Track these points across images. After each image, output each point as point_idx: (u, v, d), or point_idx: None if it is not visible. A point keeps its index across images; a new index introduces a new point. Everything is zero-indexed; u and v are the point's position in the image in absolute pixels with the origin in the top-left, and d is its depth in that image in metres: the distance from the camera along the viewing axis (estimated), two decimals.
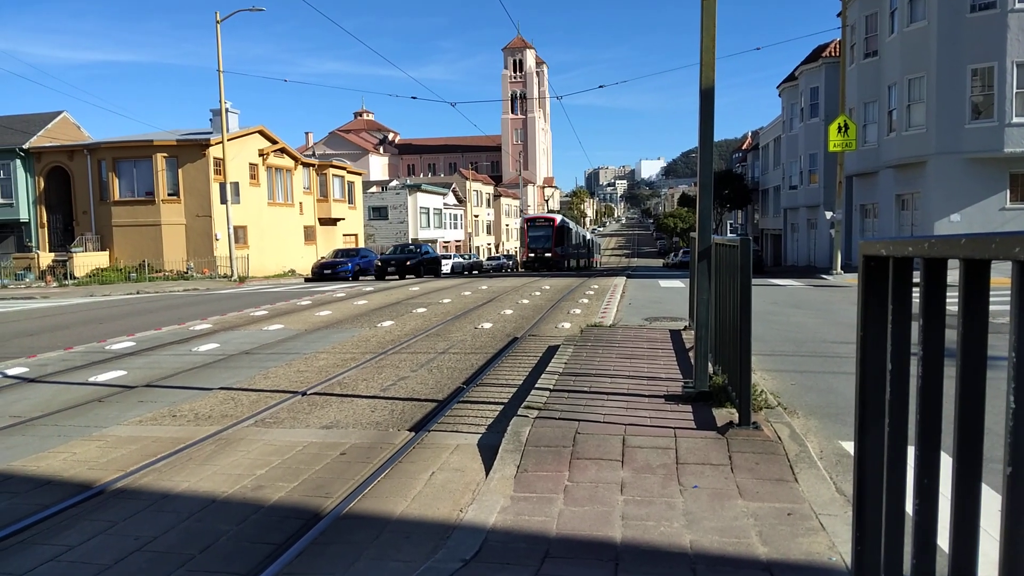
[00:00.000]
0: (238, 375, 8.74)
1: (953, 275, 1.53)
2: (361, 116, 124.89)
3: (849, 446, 5.22)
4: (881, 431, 1.81)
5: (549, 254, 45.84)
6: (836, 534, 3.58)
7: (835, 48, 39.91)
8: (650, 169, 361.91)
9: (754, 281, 5.14)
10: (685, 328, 10.41)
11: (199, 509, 4.40)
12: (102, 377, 8.78)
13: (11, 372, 9.31)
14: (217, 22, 32.45)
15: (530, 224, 48.61)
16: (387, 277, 33.30)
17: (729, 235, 29.52)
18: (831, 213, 26.53)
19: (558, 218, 48.85)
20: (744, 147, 77.50)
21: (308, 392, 7.61)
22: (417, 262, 34.28)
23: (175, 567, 3.63)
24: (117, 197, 37.12)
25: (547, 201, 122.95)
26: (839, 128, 24.56)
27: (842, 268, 26.22)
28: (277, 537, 3.97)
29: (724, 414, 5.60)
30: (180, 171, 36.53)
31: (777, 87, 48.84)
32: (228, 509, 4.41)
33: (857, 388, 1.91)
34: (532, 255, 46.01)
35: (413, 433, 5.95)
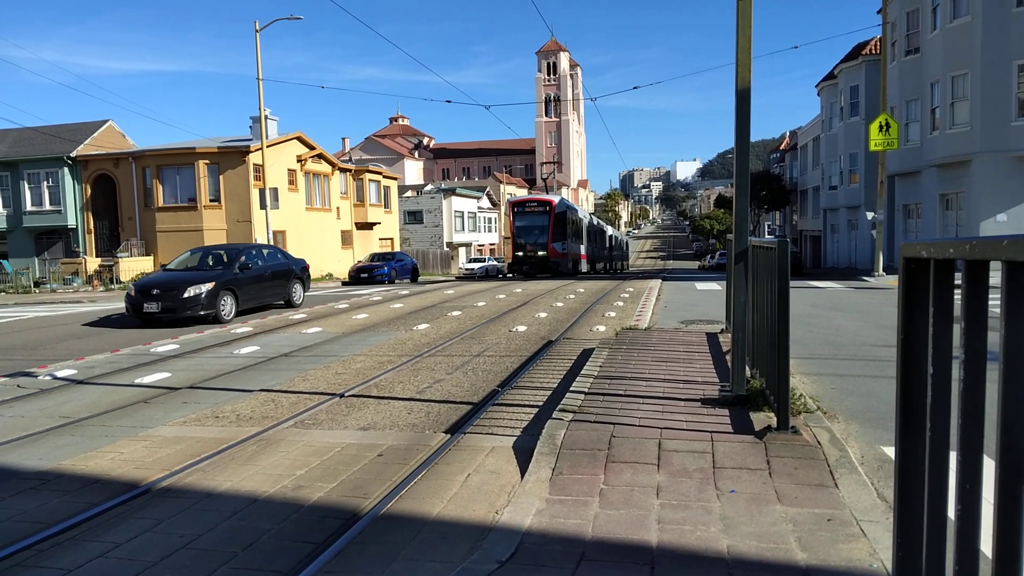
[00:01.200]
0: (278, 377, 8.90)
1: (996, 277, 1.51)
2: (396, 121, 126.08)
3: (891, 451, 5.12)
4: (923, 435, 1.79)
5: (543, 252, 32.98)
6: (877, 540, 3.52)
7: (875, 46, 39.12)
8: (686, 170, 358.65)
9: (793, 283, 5.08)
10: (722, 331, 10.31)
11: (241, 508, 4.50)
12: (147, 379, 9.02)
13: (60, 374, 9.61)
14: (256, 31, 33.08)
15: (517, 209, 34.90)
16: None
17: (767, 237, 29.03)
18: (872, 214, 26.01)
19: (557, 199, 35.19)
20: (782, 147, 76.36)
21: (346, 394, 7.72)
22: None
23: (219, 564, 3.73)
24: (161, 203, 38.04)
25: (582, 204, 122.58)
26: (880, 127, 24.06)
27: (884, 270, 25.68)
28: (317, 536, 4.04)
29: (762, 418, 5.54)
30: (221, 177, 37.29)
31: (816, 86, 48.05)
32: (269, 508, 4.50)
33: (898, 392, 1.88)
34: (520, 254, 33.21)
35: (449, 435, 6.00)
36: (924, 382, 1.78)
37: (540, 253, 33.41)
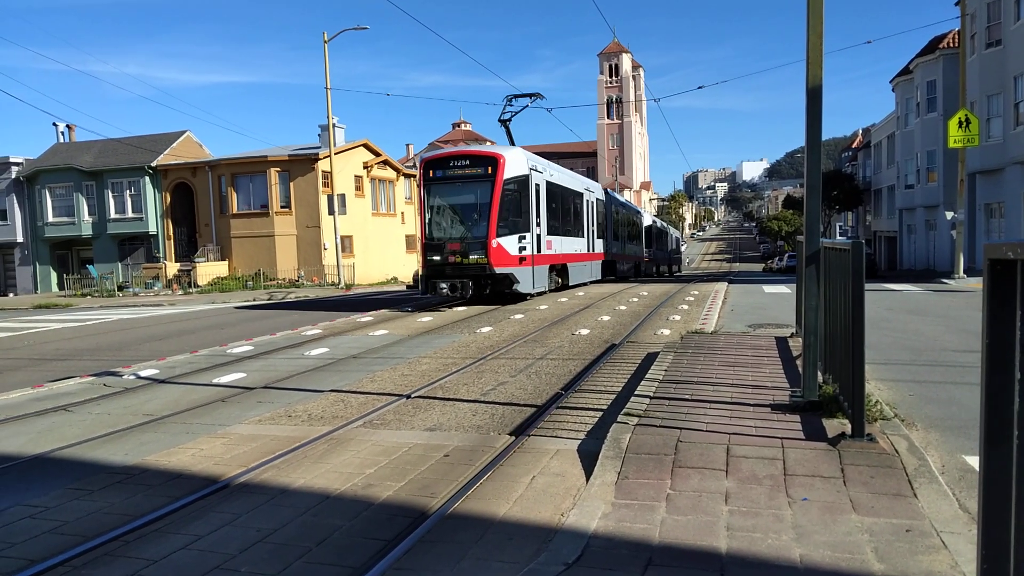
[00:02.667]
0: (347, 378, 9.12)
1: None
2: (459, 127, 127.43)
3: (974, 460, 4.91)
4: (1010, 444, 1.73)
5: (479, 254, 17.66)
6: (959, 553, 3.38)
7: (954, 38, 37.46)
8: (752, 171, 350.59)
9: (867, 286, 4.93)
10: (792, 335, 10.05)
11: (314, 504, 4.65)
12: (224, 379, 9.38)
13: (144, 374, 10.08)
14: (325, 42, 34.00)
15: (435, 174, 18.48)
16: None
17: (838, 238, 28.00)
18: (952, 213, 24.88)
19: (507, 155, 18.24)
20: (854, 145, 73.86)
21: (412, 395, 7.86)
22: None
23: (294, 558, 3.86)
24: (235, 210, 39.50)
25: (644, 206, 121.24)
26: (960, 123, 23.02)
27: (965, 272, 24.53)
28: (386, 533, 4.14)
29: (835, 425, 5.38)
30: (291, 184, 38.48)
31: (890, 81, 46.32)
32: (341, 505, 4.63)
33: (983, 399, 1.82)
34: (435, 258, 18.14)
35: (513, 437, 6.04)
36: (1011, 388, 1.72)
37: (474, 257, 17.54)
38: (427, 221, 18.25)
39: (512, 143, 21.28)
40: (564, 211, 22.47)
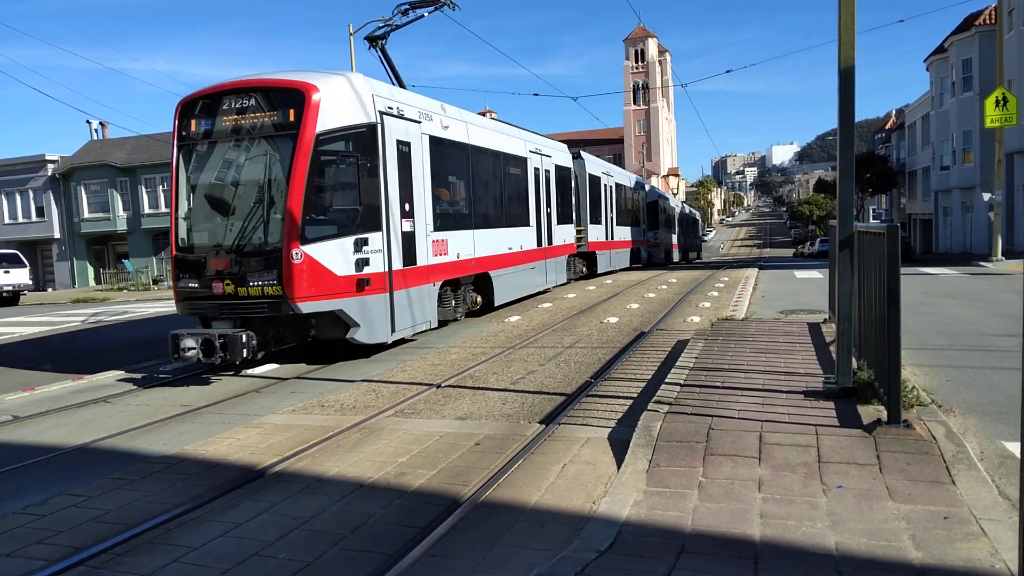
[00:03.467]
0: (378, 368, 9.20)
1: None
2: (484, 116, 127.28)
3: (1014, 447, 4.81)
4: None
5: (271, 283, 8.67)
6: (1000, 540, 3.33)
7: (990, 15, 36.40)
8: (782, 154, 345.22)
9: (902, 270, 4.84)
10: (825, 321, 9.91)
11: (349, 493, 4.71)
12: (258, 370, 9.51)
13: (179, 366, 10.27)
14: (350, 35, 34.12)
15: (194, 122, 9.48)
16: None
17: (872, 221, 27.50)
18: (989, 195, 24.28)
19: (327, 86, 9.16)
20: (887, 127, 72.33)
21: (442, 384, 7.91)
22: None
23: (330, 545, 3.92)
24: None
25: (673, 193, 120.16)
26: (997, 102, 22.41)
27: (1003, 254, 23.95)
28: (420, 521, 4.18)
29: (870, 411, 5.31)
30: None
31: (924, 61, 45.21)
32: (374, 493, 4.69)
33: (1023, 383, 1.78)
34: (191, 284, 9.12)
35: (543, 426, 6.06)
36: None
37: (260, 284, 8.81)
38: (179, 214, 9.57)
39: (395, 79, 12.75)
40: (513, 194, 15.34)
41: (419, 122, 11.12)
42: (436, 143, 11.67)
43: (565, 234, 19.26)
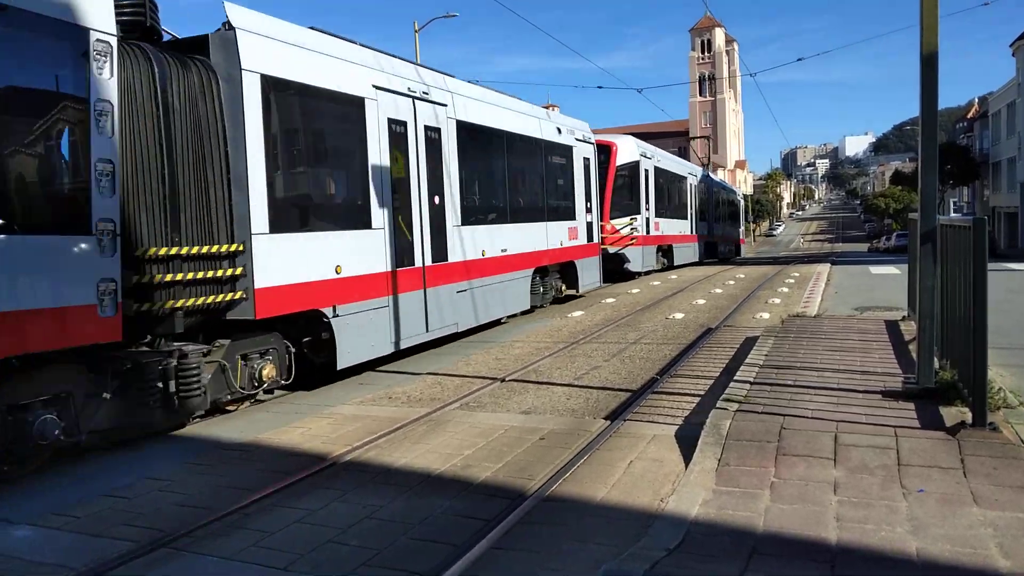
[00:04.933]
0: (443, 361, 9.32)
1: None
2: (547, 109, 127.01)
3: None
4: None
5: None
6: None
7: None
8: (856, 146, 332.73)
9: (988, 266, 4.60)
10: (903, 319, 9.52)
11: (416, 483, 4.79)
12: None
13: None
14: (415, 31, 34.54)
15: None
16: None
17: (953, 215, 26.30)
18: None
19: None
20: (969, 116, 68.85)
21: (507, 379, 7.95)
22: None
23: (399, 534, 3.99)
24: None
25: (740, 185, 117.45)
26: None
27: None
28: (486, 513, 4.22)
29: (953, 413, 5.08)
30: None
31: (1010, 45, 42.84)
32: (441, 485, 4.75)
33: None
34: None
35: (608, 421, 6.02)
36: None
37: None
38: None
39: None
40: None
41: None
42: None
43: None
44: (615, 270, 19.49)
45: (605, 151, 18.75)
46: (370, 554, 3.77)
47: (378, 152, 8.44)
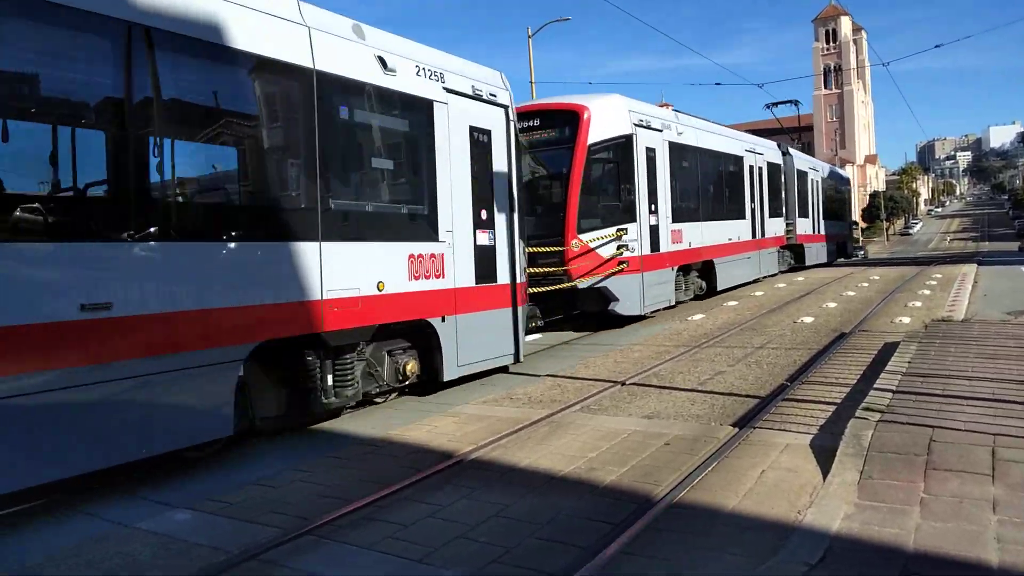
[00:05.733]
0: (561, 364, 9.34)
1: None
2: (662, 108, 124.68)
3: None
4: None
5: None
6: None
7: None
8: (1002, 136, 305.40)
9: None
10: None
11: (540, 484, 4.83)
12: None
13: None
14: (528, 36, 34.87)
15: None
16: None
17: None
18: None
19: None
20: None
21: (627, 382, 7.87)
22: None
23: (527, 534, 4.04)
24: None
25: (868, 182, 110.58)
26: None
27: None
28: (613, 517, 4.19)
29: None
30: None
31: None
32: (565, 486, 4.77)
33: None
34: None
35: (737, 429, 5.84)
36: None
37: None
38: None
39: None
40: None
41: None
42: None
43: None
44: (590, 314, 12.50)
45: (567, 121, 11.87)
46: (499, 551, 3.84)
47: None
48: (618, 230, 11.85)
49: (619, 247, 11.82)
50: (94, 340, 4.65)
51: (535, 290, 10.64)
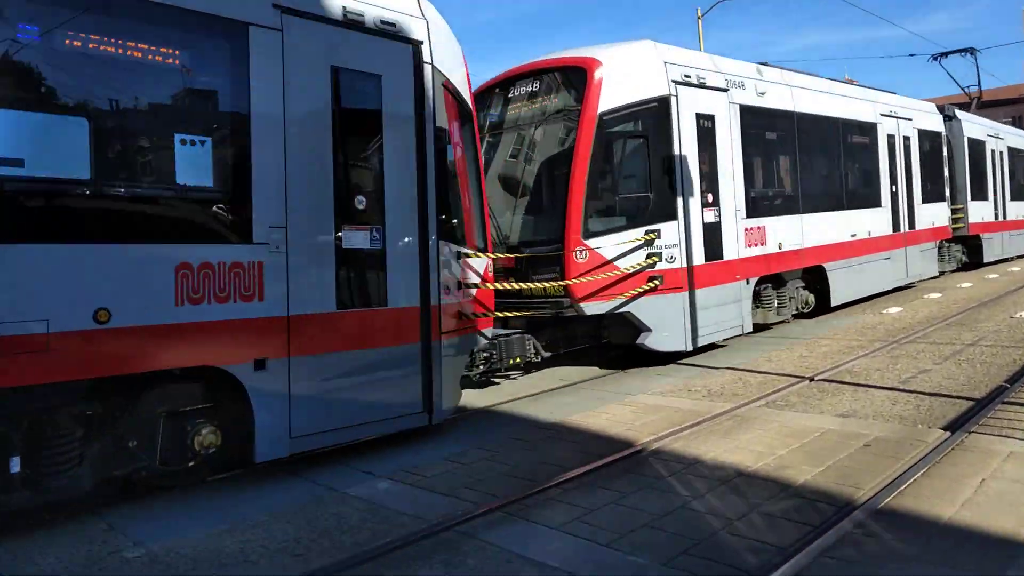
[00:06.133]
0: (740, 357, 8.98)
1: None
2: (847, 83, 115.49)
3: None
4: None
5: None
6: None
7: None
8: None
9: None
10: None
11: (728, 479, 4.69)
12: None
13: None
14: (698, 17, 33.63)
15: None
16: None
17: None
18: None
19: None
20: None
21: (816, 378, 7.43)
22: None
23: (719, 527, 3.95)
24: None
25: None
26: None
27: None
28: (810, 519, 3.99)
29: None
30: None
31: None
32: (755, 483, 4.60)
33: None
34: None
35: (948, 433, 5.32)
36: None
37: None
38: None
39: None
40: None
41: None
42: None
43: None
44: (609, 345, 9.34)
45: (569, 83, 8.77)
46: (688, 543, 3.78)
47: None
48: (647, 232, 8.34)
49: (649, 256, 8.36)
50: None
51: (520, 314, 8.29)
